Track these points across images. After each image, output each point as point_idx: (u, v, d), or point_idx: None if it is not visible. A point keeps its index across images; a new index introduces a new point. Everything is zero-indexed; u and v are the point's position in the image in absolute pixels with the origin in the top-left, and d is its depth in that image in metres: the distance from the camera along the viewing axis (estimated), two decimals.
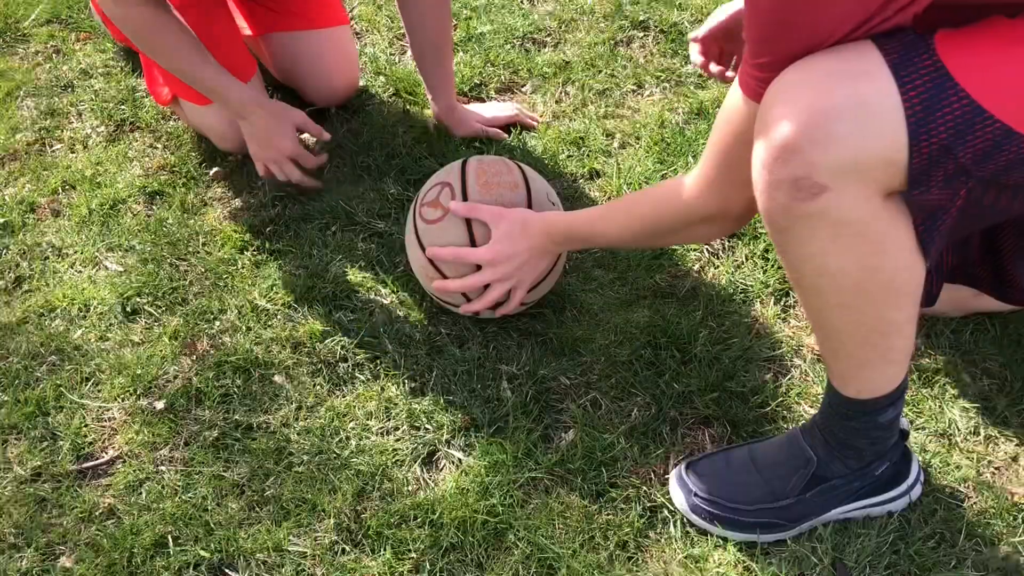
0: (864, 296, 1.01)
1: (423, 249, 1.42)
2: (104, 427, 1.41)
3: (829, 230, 0.96)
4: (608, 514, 1.25)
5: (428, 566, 1.20)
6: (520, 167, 1.48)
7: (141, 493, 1.32)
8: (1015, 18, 0.92)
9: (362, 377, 1.45)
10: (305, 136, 1.80)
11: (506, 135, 1.85)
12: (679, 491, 1.24)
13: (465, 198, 1.40)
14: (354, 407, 1.41)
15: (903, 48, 0.92)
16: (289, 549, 1.24)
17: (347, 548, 1.24)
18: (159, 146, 1.93)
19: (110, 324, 1.56)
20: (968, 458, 1.28)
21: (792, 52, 0.95)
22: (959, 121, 0.89)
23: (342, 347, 1.48)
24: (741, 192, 1.09)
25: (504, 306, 1.44)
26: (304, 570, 1.22)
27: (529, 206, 1.42)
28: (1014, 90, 0.89)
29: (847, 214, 0.95)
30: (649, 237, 1.30)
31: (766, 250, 1.59)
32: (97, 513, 1.30)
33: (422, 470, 1.32)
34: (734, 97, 1.06)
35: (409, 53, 2.04)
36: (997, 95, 0.89)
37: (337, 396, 1.43)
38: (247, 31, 1.95)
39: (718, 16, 1.49)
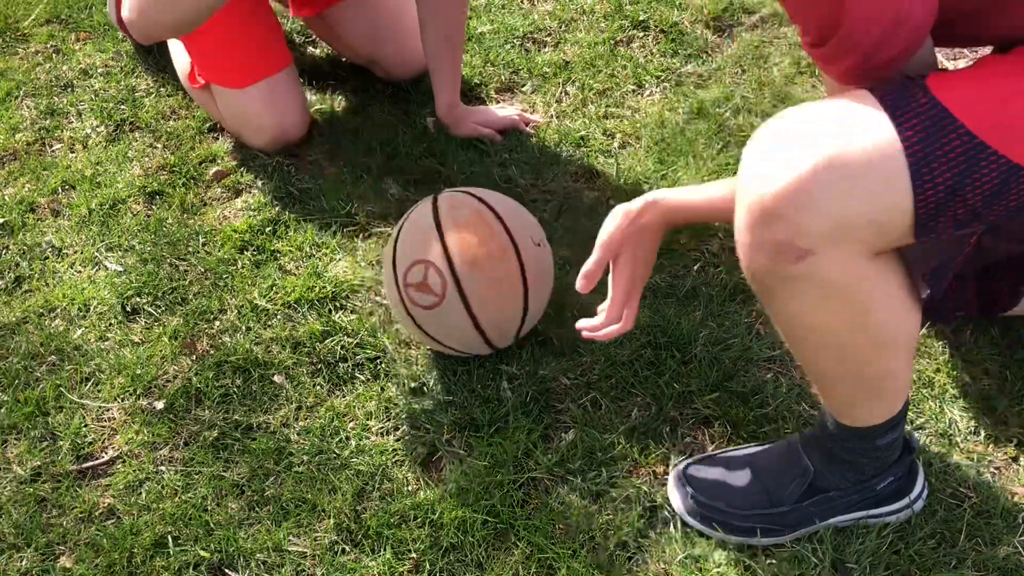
0: (851, 350, 1.00)
1: (420, 327, 1.37)
2: (104, 427, 1.41)
3: (813, 292, 0.94)
4: (608, 514, 1.25)
5: (428, 566, 1.20)
6: (495, 212, 1.37)
7: (141, 493, 1.32)
8: (1008, 52, 0.91)
9: (362, 377, 1.45)
10: None
11: (500, 138, 1.85)
12: (676, 492, 1.24)
13: (456, 281, 1.32)
14: (354, 407, 1.41)
15: (897, 90, 0.89)
16: (289, 549, 1.24)
17: (347, 548, 1.23)
18: (159, 146, 1.93)
19: (110, 324, 1.56)
20: (968, 458, 1.28)
21: (820, 18, 0.90)
22: (961, 160, 0.85)
23: (342, 347, 1.48)
24: None
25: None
26: (304, 570, 1.22)
27: (521, 266, 1.35)
28: (1013, 123, 0.86)
29: (831, 276, 0.92)
30: None
31: None
32: (97, 513, 1.30)
33: (422, 470, 1.32)
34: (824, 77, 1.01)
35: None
36: (997, 129, 0.86)
37: (337, 396, 1.43)
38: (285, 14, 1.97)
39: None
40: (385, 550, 1.22)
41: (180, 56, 1.97)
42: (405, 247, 1.37)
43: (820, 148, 0.87)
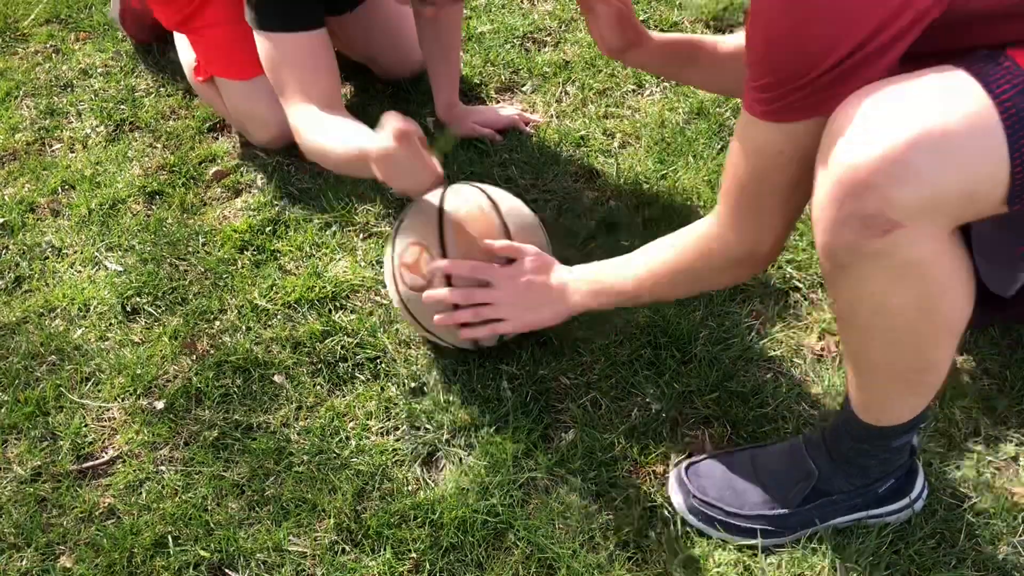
0: (914, 336, 0.97)
1: (412, 314, 1.38)
2: (104, 427, 1.41)
3: (894, 269, 0.90)
4: (608, 514, 1.25)
5: (428, 566, 1.20)
6: (499, 212, 1.38)
7: (141, 493, 1.32)
8: None
9: (362, 377, 1.45)
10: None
11: (500, 137, 1.85)
12: (678, 492, 1.24)
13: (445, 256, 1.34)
14: (354, 407, 1.41)
15: (980, 59, 0.87)
16: (289, 549, 1.24)
17: (347, 548, 1.23)
18: (159, 146, 1.93)
19: (110, 324, 1.56)
20: (968, 458, 1.28)
21: (796, 68, 0.90)
22: None
23: (342, 347, 1.48)
24: (771, 232, 1.04)
25: (478, 328, 1.34)
26: (304, 570, 1.22)
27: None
28: None
29: (916, 253, 0.89)
30: (673, 288, 1.23)
31: None
32: (97, 513, 1.30)
33: (422, 470, 1.32)
34: (747, 128, 0.99)
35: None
36: None
37: (337, 396, 1.43)
38: None
39: None
40: (385, 550, 1.22)
41: (185, 51, 1.97)
42: (407, 227, 1.38)
43: (916, 116, 0.83)
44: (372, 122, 1.93)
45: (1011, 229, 0.95)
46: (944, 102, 0.83)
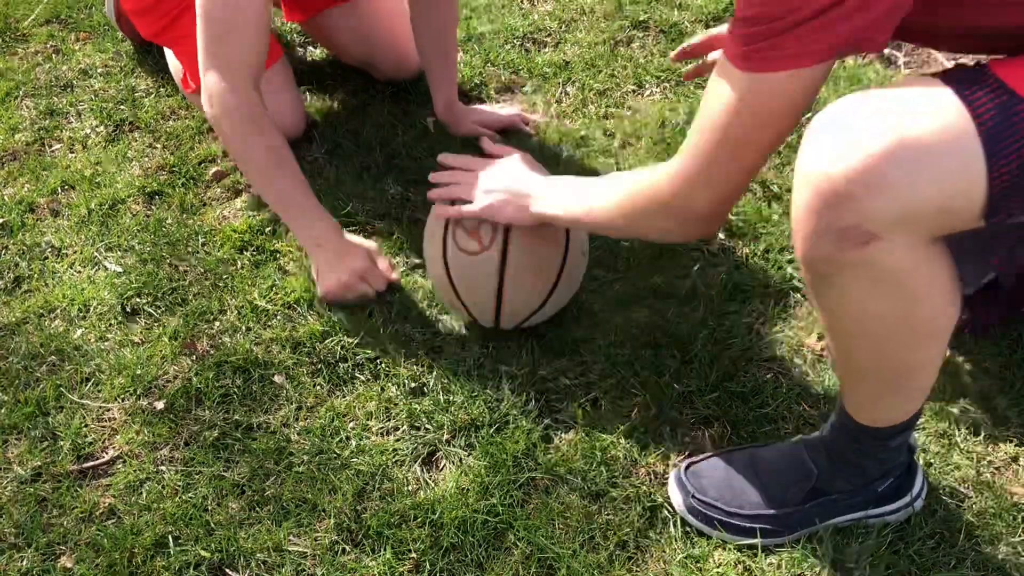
0: (896, 340, 0.98)
1: (447, 268, 1.40)
2: (104, 427, 1.41)
3: (871, 278, 0.91)
4: (608, 514, 1.25)
5: (428, 566, 1.20)
6: None
7: (141, 493, 1.32)
8: None
9: (362, 377, 1.45)
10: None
11: (499, 138, 1.85)
12: (677, 492, 1.24)
13: (505, 242, 1.36)
14: (354, 407, 1.41)
15: (957, 72, 0.86)
16: (289, 549, 1.24)
17: (347, 548, 1.24)
18: (158, 146, 1.93)
19: (110, 324, 1.56)
20: (968, 458, 1.28)
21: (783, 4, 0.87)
22: None
23: (342, 347, 1.48)
24: (713, 192, 1.03)
25: (449, 208, 1.38)
26: (304, 570, 1.22)
27: (563, 262, 1.40)
28: None
29: (893, 263, 0.90)
30: (615, 230, 1.23)
31: (766, 250, 1.59)
32: (97, 513, 1.30)
33: (422, 470, 1.32)
34: (723, 75, 0.96)
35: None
36: None
37: (337, 396, 1.43)
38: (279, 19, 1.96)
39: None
40: (385, 550, 1.22)
41: (173, 61, 1.97)
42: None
43: (893, 128, 0.83)
44: (372, 123, 1.93)
45: (986, 237, 0.95)
46: (923, 115, 0.83)
